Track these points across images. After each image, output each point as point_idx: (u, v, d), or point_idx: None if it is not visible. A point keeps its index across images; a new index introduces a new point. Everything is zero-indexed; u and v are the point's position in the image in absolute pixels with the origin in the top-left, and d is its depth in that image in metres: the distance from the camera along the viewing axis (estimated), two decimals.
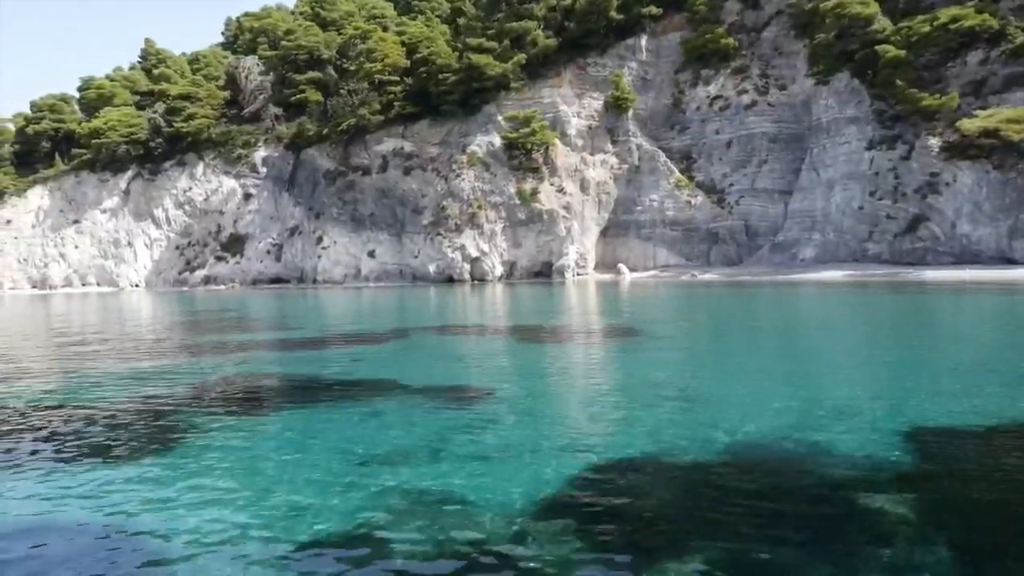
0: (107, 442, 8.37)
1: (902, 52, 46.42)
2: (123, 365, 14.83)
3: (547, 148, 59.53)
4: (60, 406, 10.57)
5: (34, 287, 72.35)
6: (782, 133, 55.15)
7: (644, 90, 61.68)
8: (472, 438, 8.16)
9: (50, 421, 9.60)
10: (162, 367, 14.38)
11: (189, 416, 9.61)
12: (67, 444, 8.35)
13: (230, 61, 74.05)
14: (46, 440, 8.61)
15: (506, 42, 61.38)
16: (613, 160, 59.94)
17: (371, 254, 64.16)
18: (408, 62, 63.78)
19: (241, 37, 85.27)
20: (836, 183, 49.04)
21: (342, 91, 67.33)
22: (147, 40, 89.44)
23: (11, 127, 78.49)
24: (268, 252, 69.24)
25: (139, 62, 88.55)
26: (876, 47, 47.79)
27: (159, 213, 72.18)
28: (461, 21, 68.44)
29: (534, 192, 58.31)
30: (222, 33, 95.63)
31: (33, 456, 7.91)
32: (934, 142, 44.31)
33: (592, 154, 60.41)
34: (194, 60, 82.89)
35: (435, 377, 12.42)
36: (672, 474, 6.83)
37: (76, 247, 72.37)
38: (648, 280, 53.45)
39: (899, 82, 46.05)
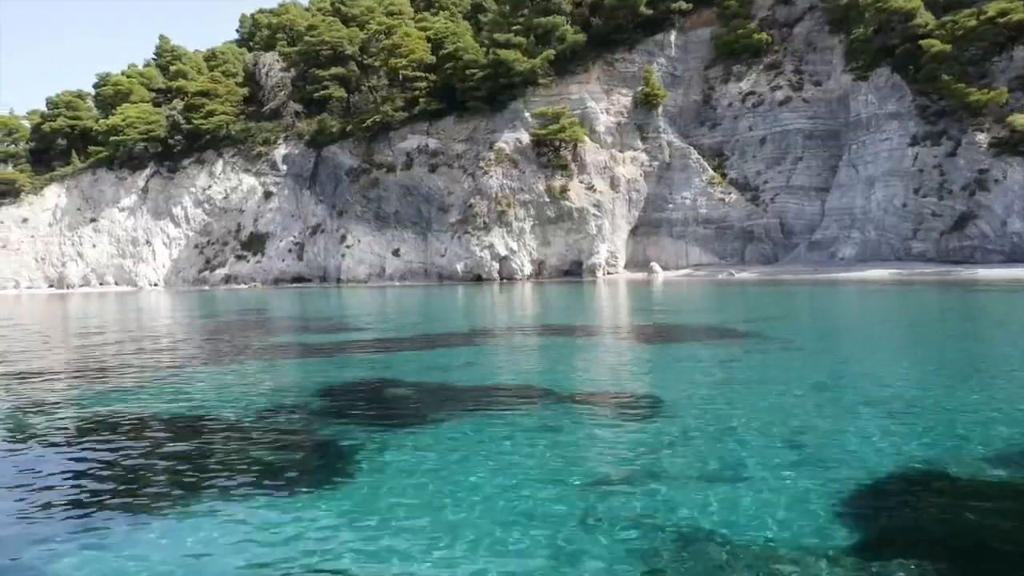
0: (267, 466, 7.34)
1: (947, 46, 45.46)
2: (223, 371, 13.87)
3: (576, 145, 58.59)
4: (191, 419, 9.60)
5: (51, 286, 71.39)
6: (818, 129, 54.20)
7: (673, 86, 60.75)
8: (676, 455, 7.18)
9: (192, 441, 8.64)
10: (268, 372, 13.42)
11: (337, 430, 8.64)
12: (221, 469, 7.36)
13: (249, 57, 73.07)
14: (199, 467, 7.65)
15: (531, 37, 60.47)
16: (643, 157, 58.98)
17: (396, 253, 63.21)
18: (434, 58, 62.78)
19: (258, 34, 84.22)
20: (877, 180, 48.09)
21: (363, 87, 66.46)
22: (162, 36, 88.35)
23: (26, 124, 77.47)
24: (289, 251, 68.29)
25: (154, 59, 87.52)
26: (919, 42, 46.82)
27: (178, 211, 71.23)
28: (484, 17, 67.54)
29: (564, 190, 57.37)
30: (236, 30, 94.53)
31: (200, 486, 6.89)
32: (982, 138, 43.38)
33: (621, 151, 59.46)
34: (210, 57, 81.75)
35: (575, 383, 11.46)
36: (955, 494, 5.88)
37: (94, 246, 71.41)
38: (681, 279, 52.53)
39: (945, 77, 45.11)
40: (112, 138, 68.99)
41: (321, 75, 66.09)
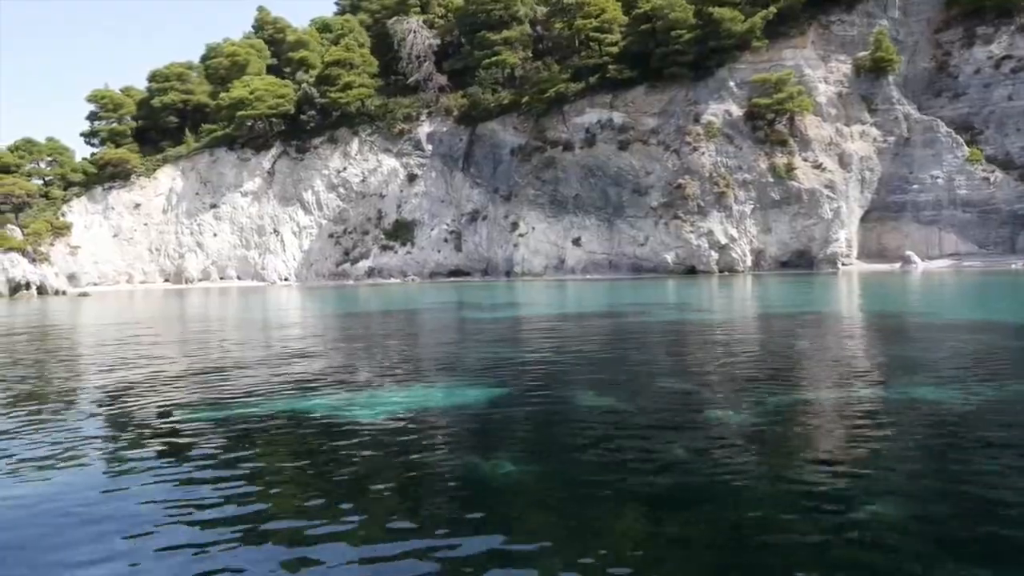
0: None
1: None
2: None
3: (792, 118, 51.02)
4: None
5: (166, 280, 63.45)
6: None
7: (897, 52, 53.10)
8: None
9: None
10: None
11: None
12: None
13: (390, 23, 65.00)
14: None
15: None
16: (874, 132, 51.37)
17: (576, 242, 55.43)
18: (626, 19, 55.05)
19: (370, 3, 76.11)
20: None
21: (532, 54, 58.70)
22: (261, 8, 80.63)
23: (130, 100, 69.36)
24: (445, 240, 60.45)
25: (252, 32, 79.72)
26: None
27: (308, 196, 63.38)
28: None
29: (789, 168, 49.76)
30: (336, 2, 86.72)
31: None
32: None
33: (847, 125, 51.85)
34: (323, 27, 74.00)
35: None
36: None
37: (214, 235, 63.49)
38: (945, 270, 44.81)
39: None
40: (239, 113, 60.95)
41: (492, 39, 57.97)
